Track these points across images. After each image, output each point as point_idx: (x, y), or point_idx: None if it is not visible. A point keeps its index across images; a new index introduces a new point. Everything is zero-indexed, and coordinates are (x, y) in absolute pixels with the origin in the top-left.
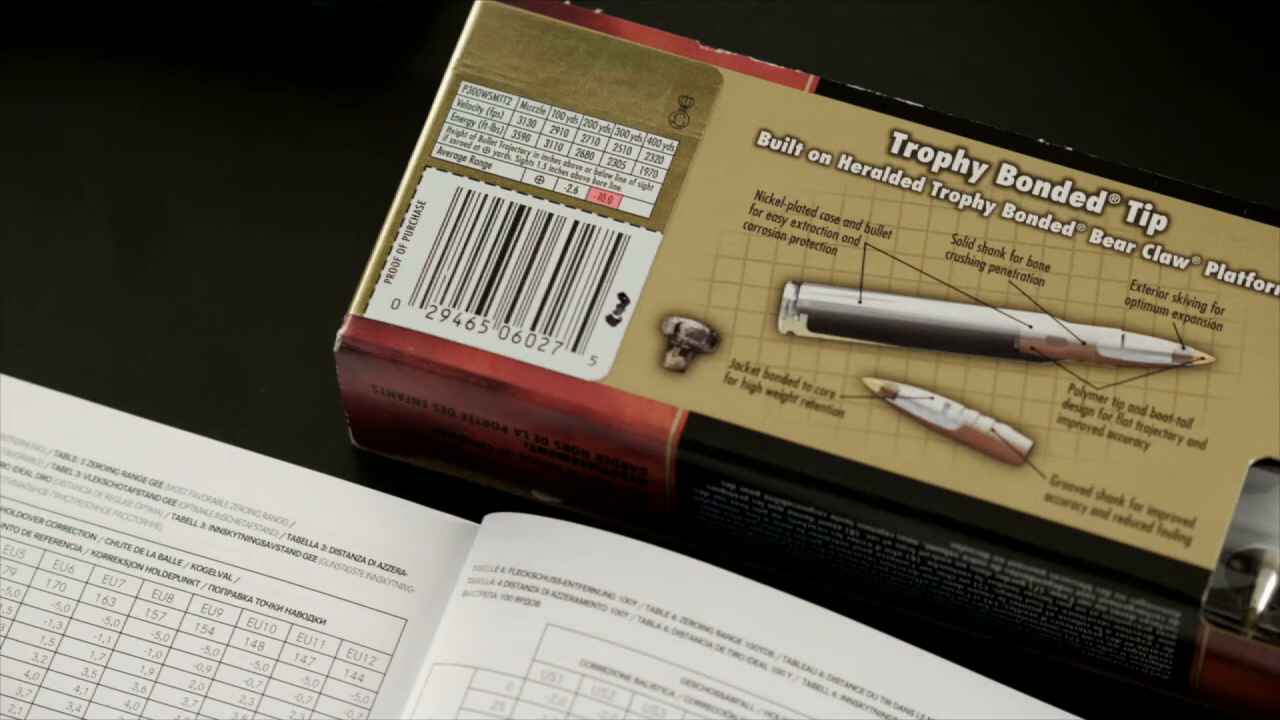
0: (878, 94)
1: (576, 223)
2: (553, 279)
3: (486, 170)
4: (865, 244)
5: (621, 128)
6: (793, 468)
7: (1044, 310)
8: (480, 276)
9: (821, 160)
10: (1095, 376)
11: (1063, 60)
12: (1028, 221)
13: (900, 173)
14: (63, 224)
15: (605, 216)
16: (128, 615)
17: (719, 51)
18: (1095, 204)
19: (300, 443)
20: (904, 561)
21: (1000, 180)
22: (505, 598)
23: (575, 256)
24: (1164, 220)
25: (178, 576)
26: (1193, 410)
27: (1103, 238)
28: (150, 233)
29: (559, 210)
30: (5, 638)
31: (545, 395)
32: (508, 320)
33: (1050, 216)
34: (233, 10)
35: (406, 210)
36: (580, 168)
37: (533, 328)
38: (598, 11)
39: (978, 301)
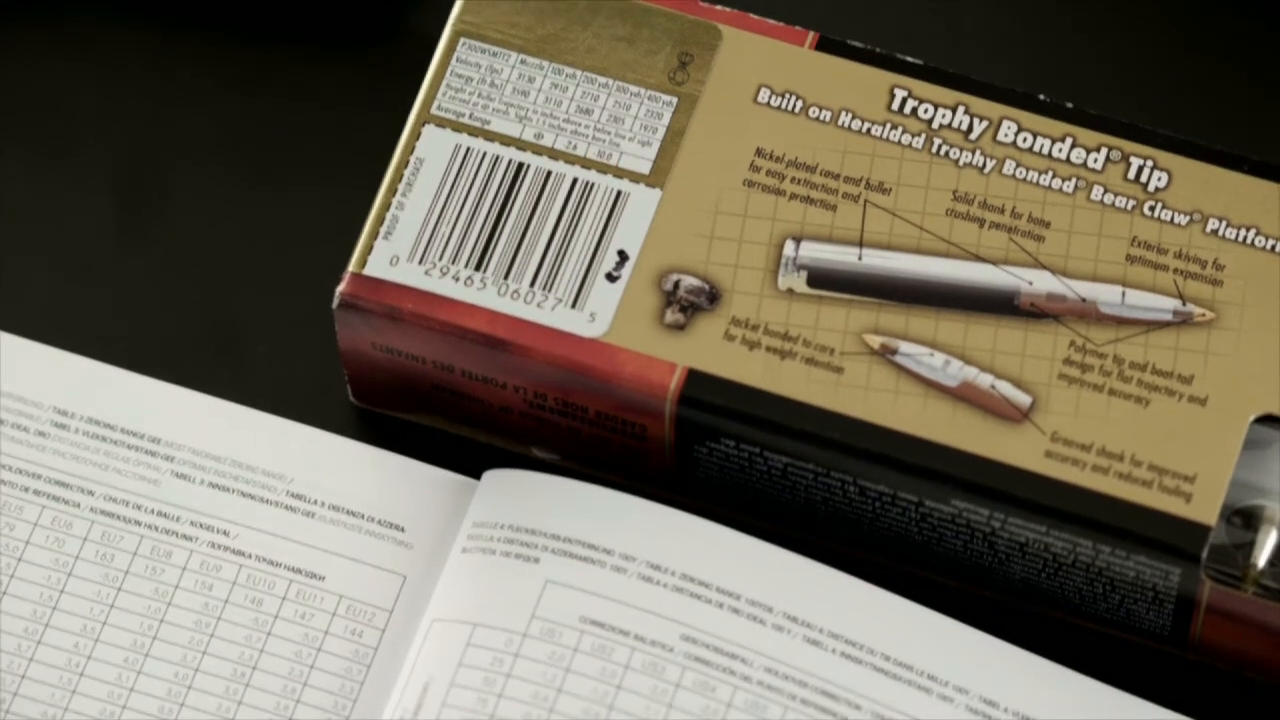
0: (878, 51)
1: (575, 179)
2: (552, 236)
3: (485, 127)
4: (865, 201)
5: (621, 84)
6: (792, 424)
7: (1044, 267)
8: (479, 233)
9: (821, 117)
10: (1096, 333)
11: (1063, 17)
12: (1028, 178)
13: (900, 129)
14: (62, 183)
15: (604, 173)
16: (126, 572)
17: (719, 8)
18: (1096, 160)
19: (299, 400)
20: (904, 518)
21: (1000, 137)
22: (504, 554)
23: (574, 213)
24: (1164, 177)
25: (176, 533)
26: (1193, 367)
27: (1103, 194)
28: (149, 191)
29: (558, 167)
30: (4, 594)
31: (544, 352)
32: (507, 277)
33: (1051, 173)
34: None
35: (405, 167)
36: (579, 124)
37: (532, 284)
38: None
39: (978, 258)
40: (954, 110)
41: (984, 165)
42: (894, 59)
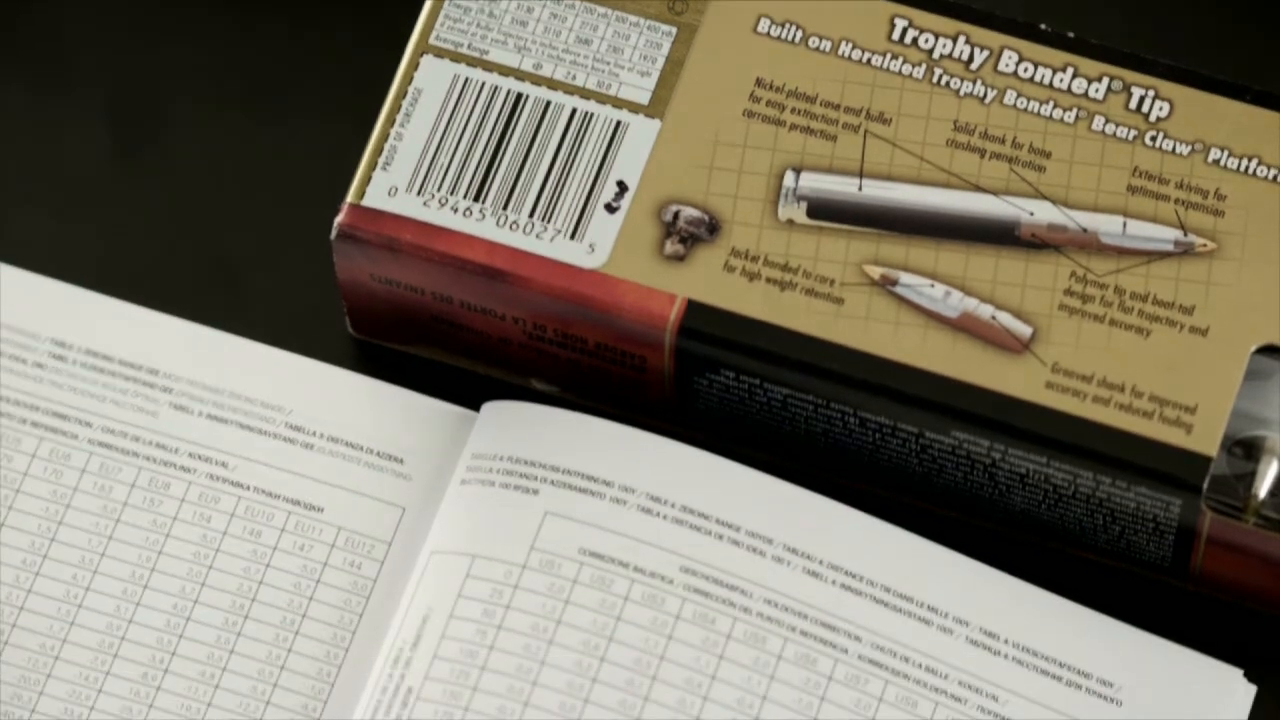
0: None
1: (574, 110)
2: (551, 166)
3: (484, 57)
4: (865, 131)
5: (620, 14)
6: (792, 355)
7: (1045, 197)
8: (478, 164)
9: (821, 47)
10: (1097, 264)
11: None
12: (1029, 108)
13: (900, 59)
14: (59, 114)
15: (603, 104)
16: (125, 503)
17: None
18: (1097, 90)
19: (297, 331)
20: (904, 449)
21: (1001, 67)
22: (504, 486)
23: (573, 144)
24: (1166, 107)
25: (174, 465)
26: (1194, 297)
27: (1104, 124)
28: (146, 122)
29: (557, 97)
30: (2, 525)
31: (543, 283)
32: (505, 208)
33: (1052, 103)
34: None
35: (403, 98)
36: (578, 55)
37: (531, 215)
38: None
39: (978, 188)
40: (954, 40)
41: (985, 95)
42: None
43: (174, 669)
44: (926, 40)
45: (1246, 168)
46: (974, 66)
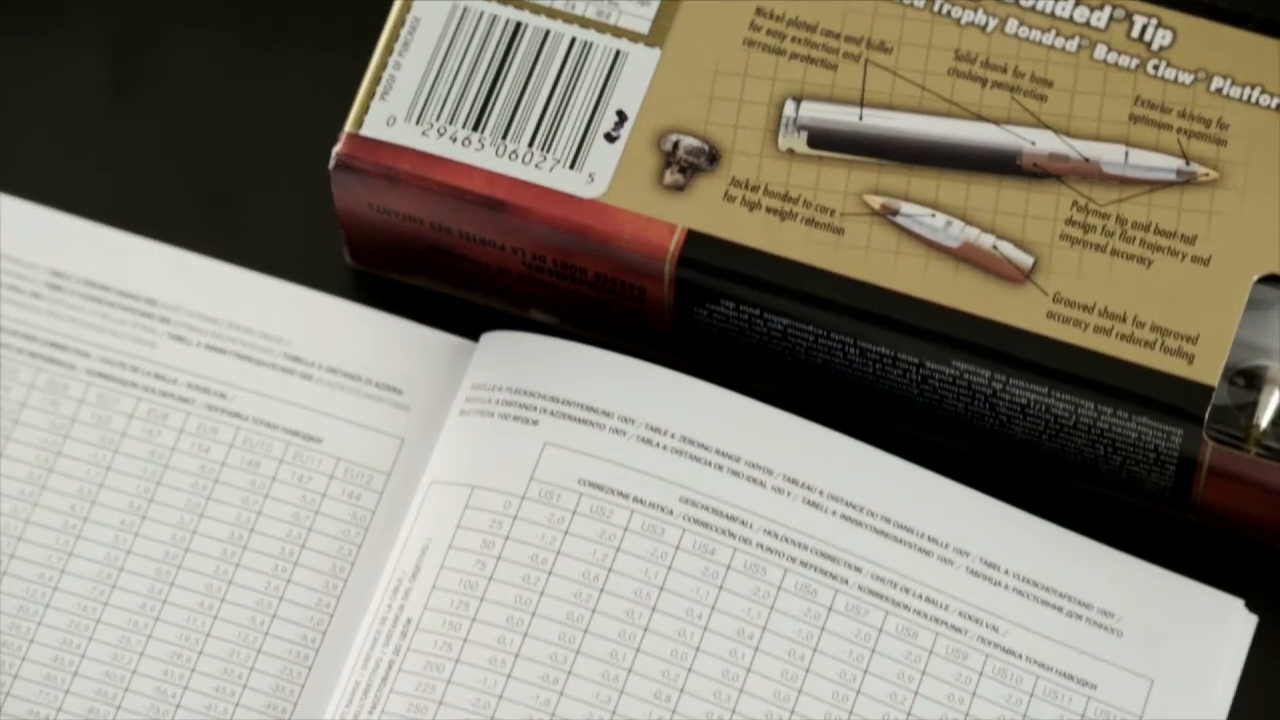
0: None
1: (574, 39)
2: (550, 96)
3: None
4: (866, 60)
5: None
6: (792, 285)
7: (1047, 126)
8: (477, 93)
9: None
10: (1098, 193)
11: None
12: (1030, 37)
13: None
14: (58, 46)
15: (603, 33)
16: (123, 434)
17: None
18: (1099, 19)
19: (296, 262)
20: (904, 380)
21: None
22: (503, 417)
23: (573, 73)
24: (1168, 35)
25: (173, 395)
26: (1196, 227)
27: (1106, 53)
28: (145, 52)
29: (556, 26)
30: (0, 455)
31: (543, 213)
32: (505, 137)
33: (1054, 32)
34: None
35: (402, 26)
36: None
37: (530, 145)
38: None
39: (980, 118)
40: None
41: (986, 24)
42: None
43: (172, 600)
44: None
45: (1249, 96)
46: None
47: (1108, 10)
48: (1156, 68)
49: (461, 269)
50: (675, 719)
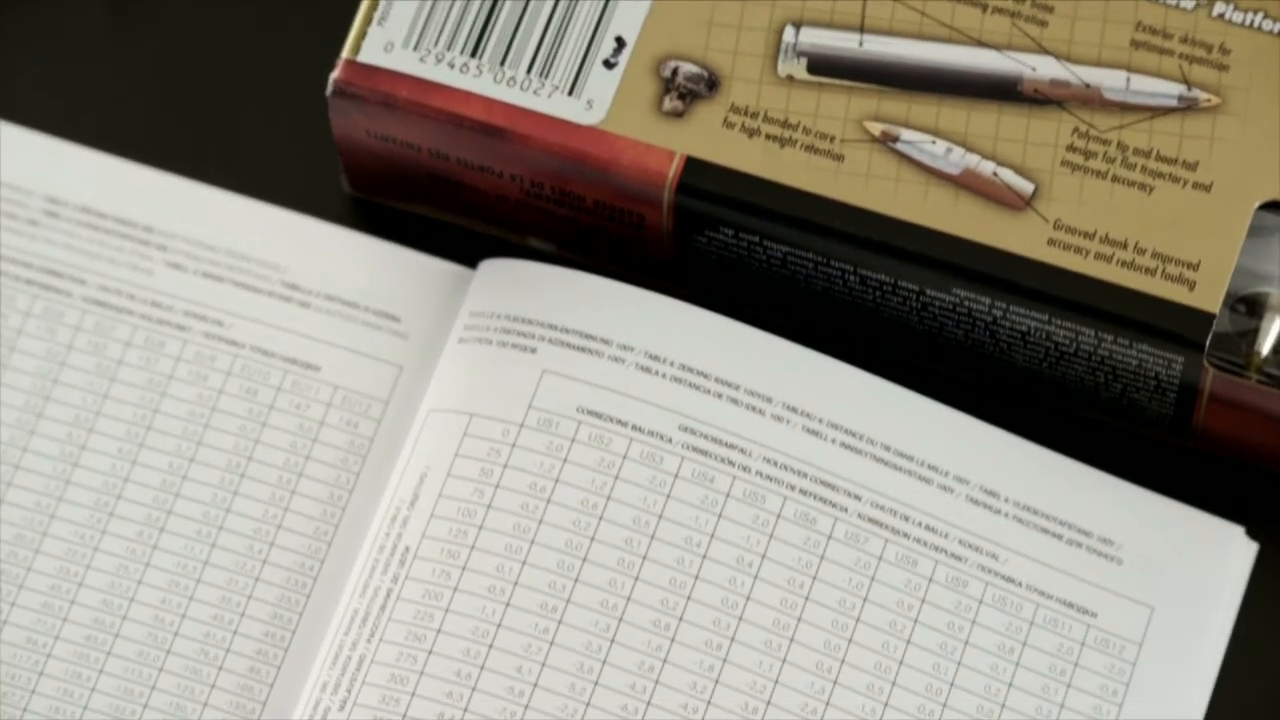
0: None
1: None
2: (548, 22)
3: None
4: None
5: None
6: (792, 212)
7: (1047, 52)
8: (475, 19)
9: None
10: (1099, 119)
11: None
12: None
13: None
14: None
15: None
16: (120, 362)
17: None
18: None
19: (293, 189)
20: (904, 307)
21: None
22: (501, 344)
23: None
24: None
25: (170, 323)
26: (1198, 153)
27: None
28: None
29: None
30: None
31: (541, 140)
32: (503, 64)
33: None
34: None
35: None
36: None
37: (528, 71)
38: None
39: (980, 44)
40: None
41: None
42: None
43: (170, 528)
44: None
45: (1251, 21)
46: None
47: None
48: None
49: (459, 196)
50: (674, 647)
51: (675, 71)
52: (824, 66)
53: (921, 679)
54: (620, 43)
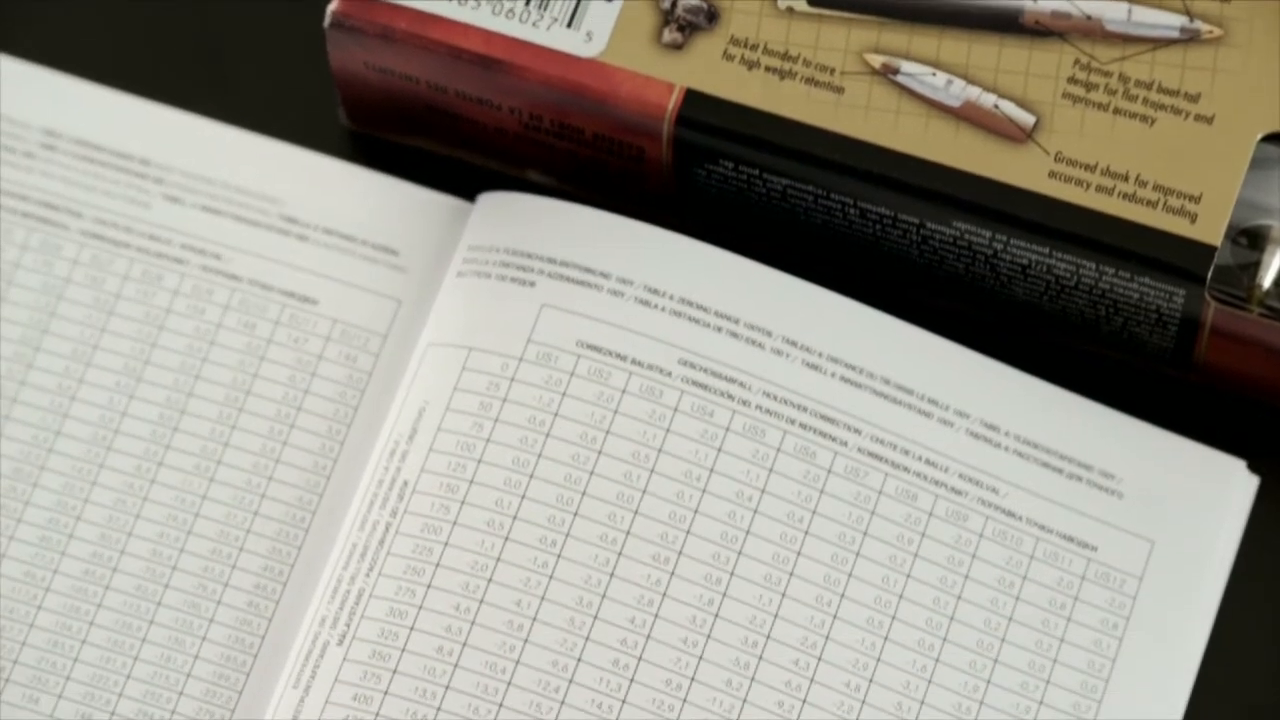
0: None
1: None
2: None
3: None
4: None
5: None
6: (792, 145)
7: None
8: None
9: None
10: (1101, 51)
11: None
12: None
13: None
14: None
15: None
16: (117, 295)
17: None
18: None
19: (291, 122)
20: (905, 241)
21: None
22: (500, 278)
23: None
24: None
25: (167, 256)
26: (1200, 85)
27: None
28: None
29: None
30: None
31: (540, 72)
32: None
33: None
34: None
35: None
36: None
37: (527, 3)
38: None
39: None
40: None
41: None
42: None
43: (168, 462)
44: None
45: None
46: None
47: None
48: None
49: (458, 129)
50: (674, 582)
51: (675, 3)
52: None
53: (921, 613)
54: None
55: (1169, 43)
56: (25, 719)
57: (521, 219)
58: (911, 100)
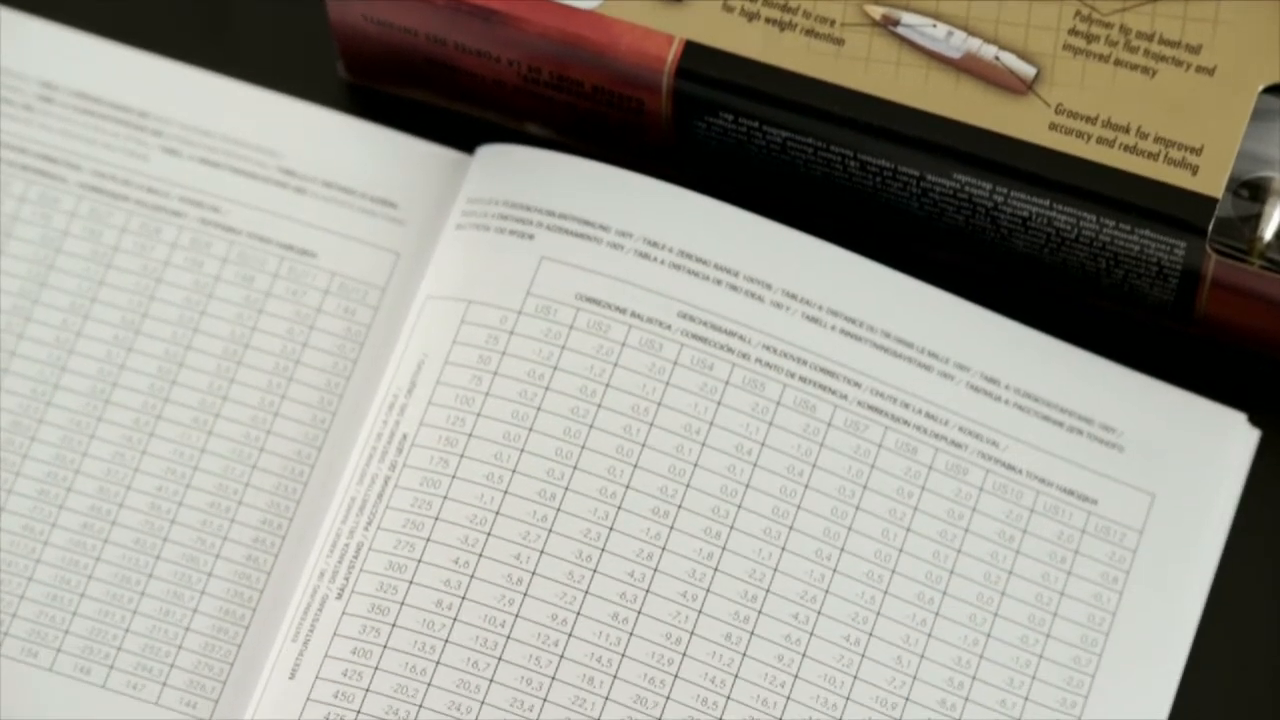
0: None
1: None
2: None
3: None
4: None
5: None
6: (791, 97)
7: None
8: None
9: None
10: (1102, 3)
11: None
12: None
13: None
14: None
15: None
16: (115, 248)
17: None
18: None
19: (290, 75)
20: (905, 193)
21: None
22: (499, 231)
23: None
24: None
25: (165, 209)
26: (1201, 36)
27: None
28: None
29: None
30: None
31: (539, 23)
32: None
33: None
34: None
35: None
36: None
37: None
38: None
39: None
40: None
41: None
42: None
43: (167, 415)
44: None
45: None
46: None
47: None
48: None
49: (457, 82)
50: (674, 535)
51: None
52: None
53: (921, 566)
54: None
55: None
56: (24, 673)
57: (520, 172)
58: (912, 52)
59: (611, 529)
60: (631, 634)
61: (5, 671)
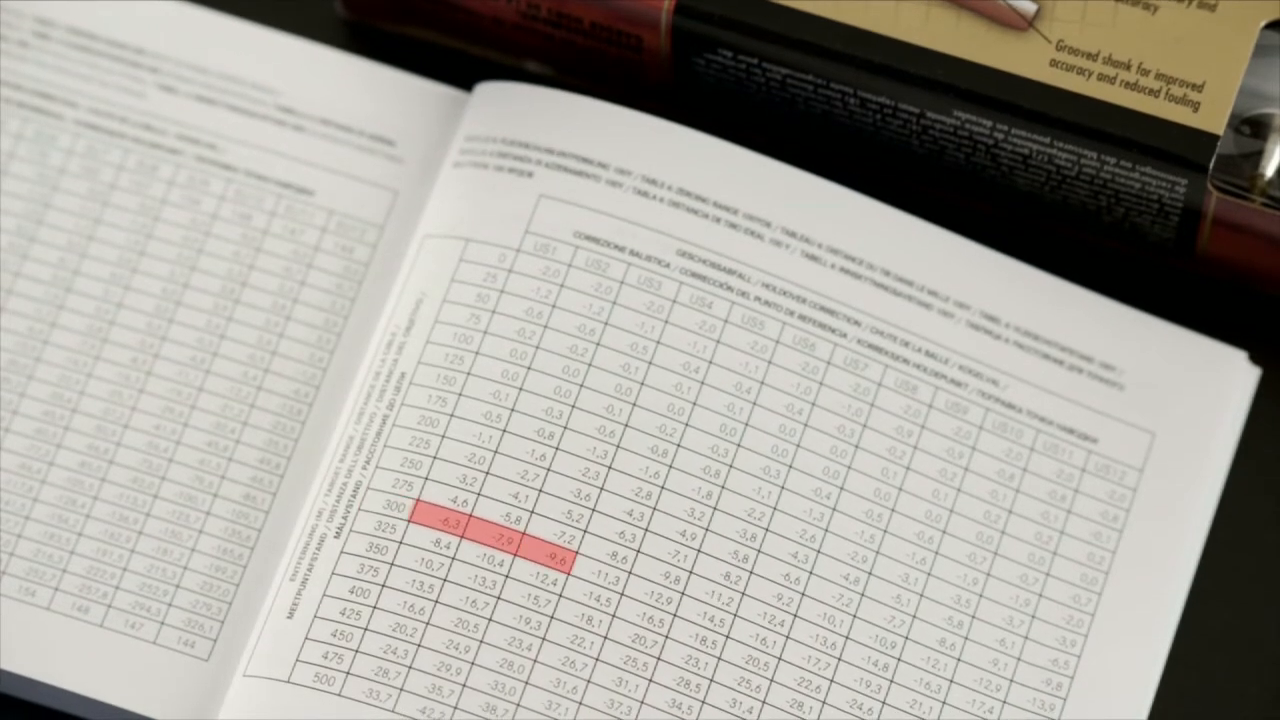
0: None
1: None
2: None
3: None
4: None
5: None
6: (791, 34)
7: None
8: None
9: None
10: None
11: None
12: None
13: None
14: None
15: None
16: (112, 185)
17: None
18: None
19: (287, 11)
20: (905, 131)
21: None
22: (497, 169)
23: None
24: None
25: (162, 146)
26: None
27: None
28: None
29: None
30: None
31: None
32: None
33: None
34: None
35: None
36: None
37: None
38: None
39: None
40: None
41: None
42: None
43: (164, 354)
44: None
45: None
46: None
47: None
48: None
49: (455, 18)
50: (671, 474)
51: None
52: None
53: (921, 505)
54: None
55: None
56: (21, 612)
57: (519, 109)
58: None
59: (610, 468)
60: (630, 572)
61: (3, 610)
